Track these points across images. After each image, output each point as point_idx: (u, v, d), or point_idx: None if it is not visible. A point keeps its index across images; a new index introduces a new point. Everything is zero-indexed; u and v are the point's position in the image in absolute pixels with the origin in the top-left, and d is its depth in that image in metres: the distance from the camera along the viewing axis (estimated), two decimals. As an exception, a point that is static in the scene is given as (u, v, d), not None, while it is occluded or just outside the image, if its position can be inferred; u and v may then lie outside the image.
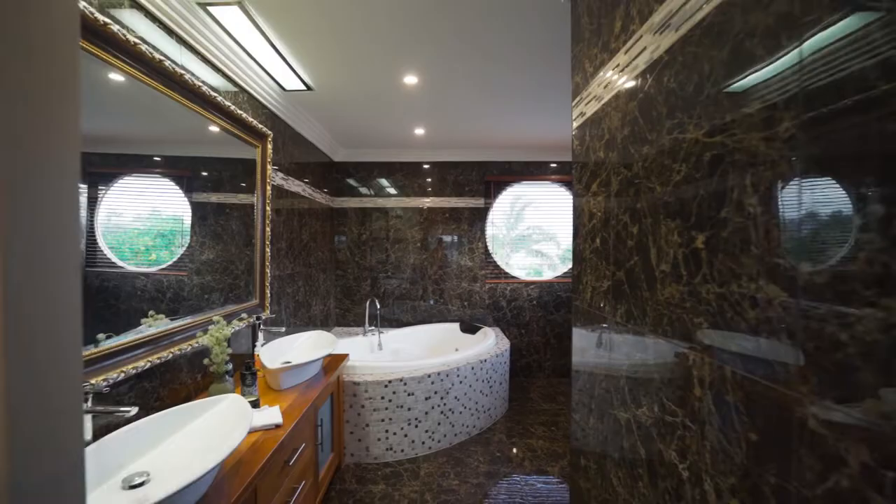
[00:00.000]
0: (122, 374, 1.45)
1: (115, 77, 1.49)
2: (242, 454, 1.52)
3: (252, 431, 1.67)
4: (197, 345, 1.84)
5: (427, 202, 4.44)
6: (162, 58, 1.63)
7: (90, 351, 1.38)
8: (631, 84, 1.16)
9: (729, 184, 0.76)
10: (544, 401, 3.93)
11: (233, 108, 2.16)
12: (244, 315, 2.15)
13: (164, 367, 1.72)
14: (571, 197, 4.62)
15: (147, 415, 1.46)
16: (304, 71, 2.56)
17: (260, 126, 2.47)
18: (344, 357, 2.74)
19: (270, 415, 1.76)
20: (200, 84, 1.93)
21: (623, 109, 1.22)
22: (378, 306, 4.04)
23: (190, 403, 1.56)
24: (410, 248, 4.45)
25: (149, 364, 1.60)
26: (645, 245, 1.10)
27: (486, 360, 3.37)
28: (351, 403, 2.85)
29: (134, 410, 1.26)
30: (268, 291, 2.63)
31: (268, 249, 2.63)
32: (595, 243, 1.44)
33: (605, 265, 1.36)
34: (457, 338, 4.19)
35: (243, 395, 1.92)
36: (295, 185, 3.23)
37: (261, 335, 2.41)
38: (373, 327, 4.07)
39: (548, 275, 4.61)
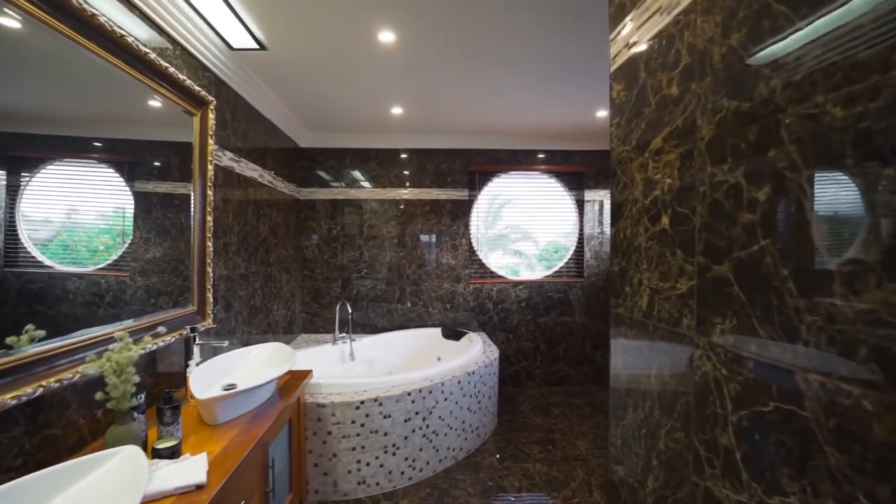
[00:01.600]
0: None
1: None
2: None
3: (162, 498, 1.15)
4: (94, 372, 1.30)
5: (405, 194, 3.93)
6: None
7: None
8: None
9: None
10: (536, 414, 3.47)
11: (152, 55, 1.61)
12: (161, 329, 1.59)
13: (34, 406, 1.17)
14: (560, 187, 4.28)
15: (-25, 493, 0.92)
16: (254, 23, 2.03)
17: (195, 87, 1.93)
18: (306, 374, 2.21)
19: (190, 470, 1.23)
20: (121, 32, 1.40)
21: (725, 5, 0.76)
22: (350, 310, 3.52)
23: (56, 467, 1.02)
24: (386, 244, 3.93)
25: (13, 401, 1.06)
26: (793, 218, 0.64)
27: (473, 372, 2.89)
28: (315, 430, 2.32)
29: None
30: (209, 295, 2.09)
31: (209, 244, 2.09)
32: (659, 225, 0.98)
33: (683, 256, 0.89)
34: (438, 345, 3.70)
35: (160, 437, 1.38)
36: (250, 169, 2.68)
37: (196, 351, 1.86)
38: (344, 334, 3.54)
39: (525, 274, 4.16)
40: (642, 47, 1.04)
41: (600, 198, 4.07)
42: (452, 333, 3.70)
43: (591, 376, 4.10)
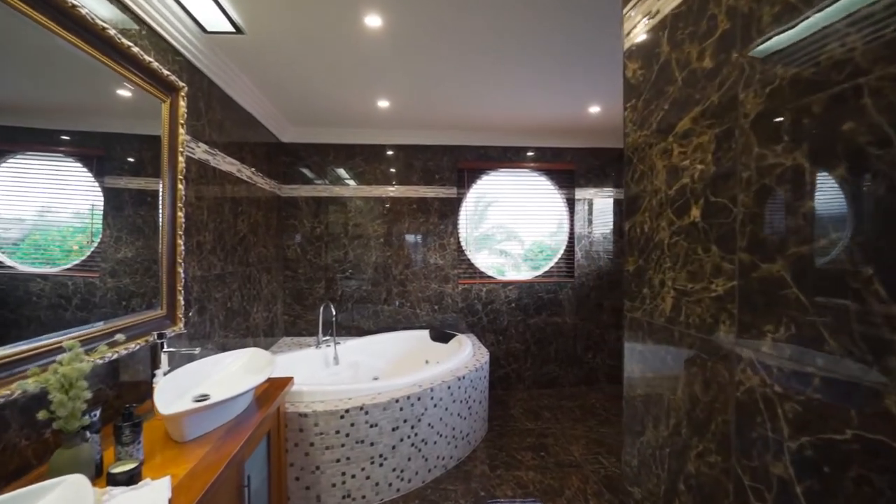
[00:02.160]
0: None
1: None
2: None
3: (114, 532, 0.98)
4: (33, 388, 1.12)
5: (391, 191, 3.78)
6: None
7: None
8: None
9: None
10: (528, 418, 3.35)
11: (111, 31, 1.44)
12: (119, 337, 1.40)
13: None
14: (550, 185, 4.16)
15: None
16: (230, 3, 1.86)
17: (164, 71, 1.75)
18: (287, 382, 2.05)
19: (149, 498, 1.07)
20: (72, 2, 1.23)
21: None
22: (334, 312, 3.35)
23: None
24: (372, 243, 3.78)
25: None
26: (884, 204, 0.51)
27: (463, 377, 2.75)
28: (296, 441, 2.16)
29: None
30: (180, 298, 1.91)
31: (180, 242, 1.91)
32: (687, 218, 0.85)
33: (720, 253, 0.77)
34: (427, 347, 3.56)
35: (118, 460, 1.22)
36: (227, 164, 2.51)
37: (164, 359, 1.69)
38: (328, 337, 3.37)
39: (511, 275, 4.04)
40: (664, 17, 0.92)
41: (590, 196, 3.98)
42: (441, 335, 3.57)
43: (582, 378, 4.00)
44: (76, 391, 1.11)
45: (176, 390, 1.61)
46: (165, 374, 1.67)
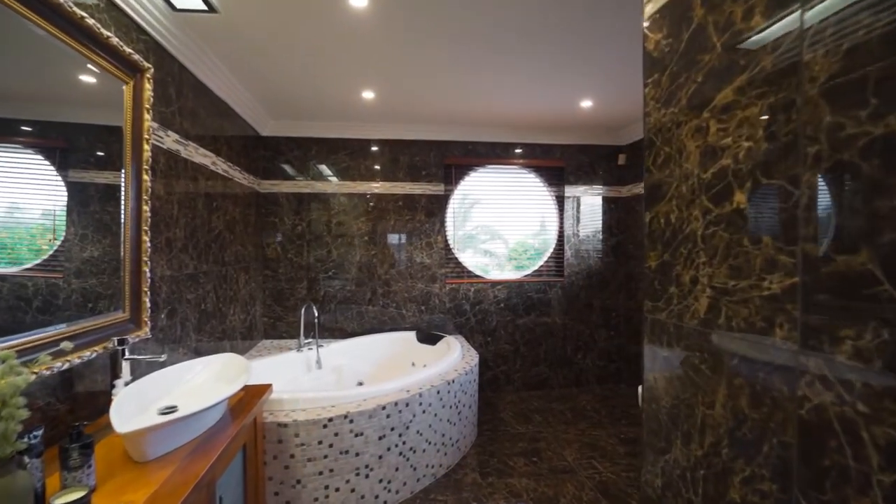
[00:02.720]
0: None
1: None
2: None
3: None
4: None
5: (376, 187, 3.62)
6: None
7: None
8: None
9: None
10: (518, 422, 3.23)
11: (67, 3, 1.26)
12: (66, 345, 1.20)
13: None
14: (538, 183, 4.04)
15: None
16: (201, -24, 1.70)
17: (125, 49, 1.57)
18: (265, 389, 1.88)
19: (98, 537, 0.91)
20: None
21: None
22: (316, 313, 3.18)
23: None
24: (356, 242, 3.61)
25: None
26: None
27: (453, 381, 2.62)
28: (275, 454, 1.99)
29: None
30: (146, 299, 1.73)
31: (146, 238, 1.73)
32: (728, 204, 0.73)
33: (775, 244, 0.65)
34: (413, 350, 3.41)
35: (63, 487, 1.05)
36: (200, 155, 2.32)
37: (126, 367, 1.51)
38: (310, 339, 3.20)
39: (495, 274, 3.91)
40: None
41: (580, 194, 3.88)
42: (428, 337, 3.42)
43: (572, 379, 3.90)
44: (10, 410, 0.94)
45: (138, 402, 1.44)
46: (127, 384, 1.49)
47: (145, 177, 1.71)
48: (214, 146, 2.52)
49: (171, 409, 1.49)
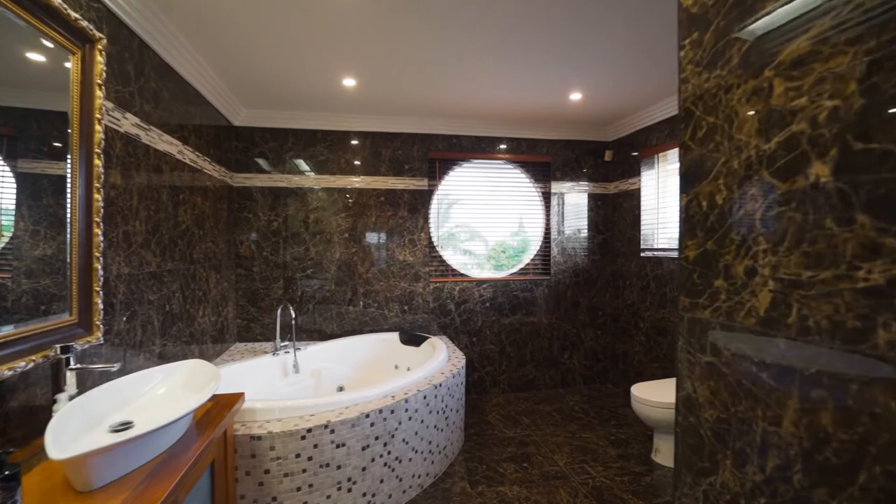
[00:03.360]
0: None
1: None
2: None
3: None
4: None
5: (357, 182, 3.43)
6: None
7: None
8: None
9: None
10: (506, 425, 3.10)
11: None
12: None
13: None
14: (524, 179, 3.90)
15: None
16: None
17: (71, 13, 1.36)
18: (236, 398, 1.69)
19: None
20: None
21: None
22: (294, 314, 2.98)
23: None
24: (336, 239, 3.42)
25: None
26: None
27: (440, 385, 2.46)
28: (248, 469, 1.80)
29: None
30: (98, 300, 1.52)
31: (98, 230, 1.52)
32: (802, 178, 0.60)
33: (875, 224, 0.52)
34: (396, 352, 3.24)
35: (-20, 529, 0.85)
36: (165, 143, 2.10)
37: (71, 379, 1.30)
38: (287, 342, 3.00)
39: (475, 274, 3.77)
40: None
41: (566, 190, 3.78)
42: (412, 338, 3.26)
43: (559, 380, 3.79)
44: None
45: (86, 419, 1.23)
46: (72, 397, 1.28)
47: (97, 161, 1.50)
48: (181, 134, 2.30)
49: (126, 426, 1.29)
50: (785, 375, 0.63)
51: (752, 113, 0.68)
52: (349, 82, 2.69)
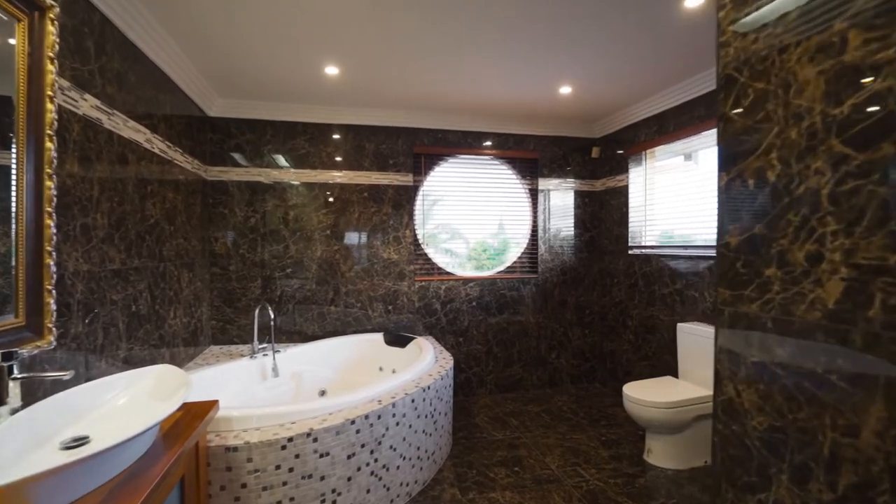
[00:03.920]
0: None
1: None
2: None
3: None
4: None
5: (339, 177, 3.28)
6: None
7: None
8: None
9: None
10: (495, 427, 2.99)
11: None
12: None
13: None
14: (511, 174, 3.79)
15: None
16: None
17: (18, -29, 1.20)
18: (210, 406, 1.53)
19: None
20: None
21: None
22: (272, 315, 2.81)
23: None
24: (317, 236, 3.26)
25: None
26: None
27: (428, 387, 2.33)
28: (223, 484, 1.64)
29: None
30: (50, 300, 1.34)
31: (50, 222, 1.34)
32: (889, 146, 0.50)
33: None
34: (381, 353, 3.10)
35: None
36: (131, 129, 1.93)
37: (14, 390, 1.14)
38: (265, 344, 2.83)
39: (460, 271, 3.66)
40: None
41: (553, 187, 3.70)
42: (397, 339, 3.12)
43: (546, 380, 3.71)
44: None
45: (32, 435, 1.07)
46: (16, 411, 1.11)
47: (48, 144, 1.32)
48: (150, 121, 2.12)
49: (81, 442, 1.13)
50: (864, 378, 0.53)
51: (817, 73, 0.58)
52: (332, 70, 2.54)
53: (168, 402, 1.29)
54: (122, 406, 1.33)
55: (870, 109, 0.52)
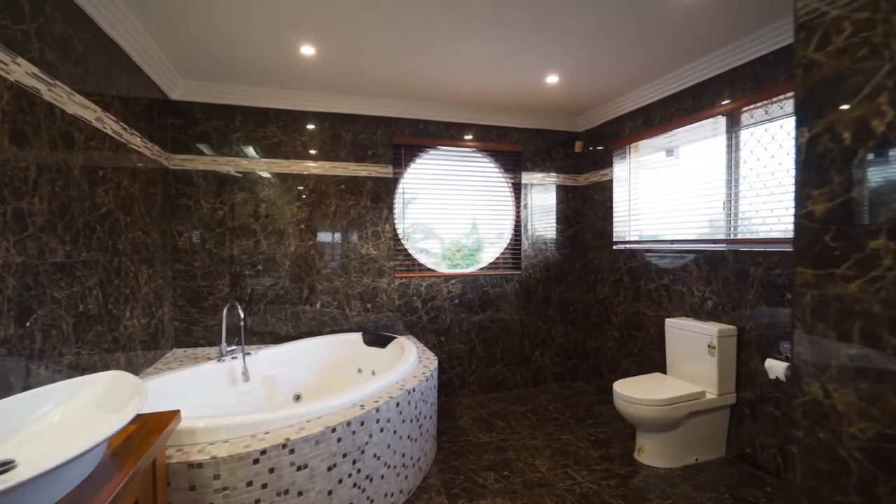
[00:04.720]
0: None
1: None
2: None
3: None
4: None
5: (314, 167, 3.07)
6: None
7: None
8: None
9: None
10: (480, 430, 2.85)
11: None
12: None
13: None
14: (493, 168, 3.65)
15: None
16: None
17: None
18: (170, 417, 1.32)
19: None
20: None
21: None
22: (242, 315, 2.57)
23: None
24: (290, 231, 3.04)
25: None
26: None
27: (413, 389, 2.17)
28: (185, 505, 1.43)
29: None
30: (-30, 296, 1.12)
31: (-30, 201, 1.12)
32: None
33: None
34: (360, 354, 2.91)
35: None
36: (77, 105, 1.68)
37: (-82, 406, 0.92)
38: (234, 346, 2.59)
39: (438, 267, 3.50)
40: None
41: (536, 181, 3.59)
42: (377, 339, 2.94)
43: (530, 379, 3.60)
44: None
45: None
46: (-83, 432, 0.90)
47: (-33, 109, 1.10)
48: (101, 98, 1.88)
49: (5, 468, 0.92)
50: None
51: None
52: (308, 51, 2.34)
53: (118, 415, 1.09)
54: (60, 421, 1.11)
55: None
